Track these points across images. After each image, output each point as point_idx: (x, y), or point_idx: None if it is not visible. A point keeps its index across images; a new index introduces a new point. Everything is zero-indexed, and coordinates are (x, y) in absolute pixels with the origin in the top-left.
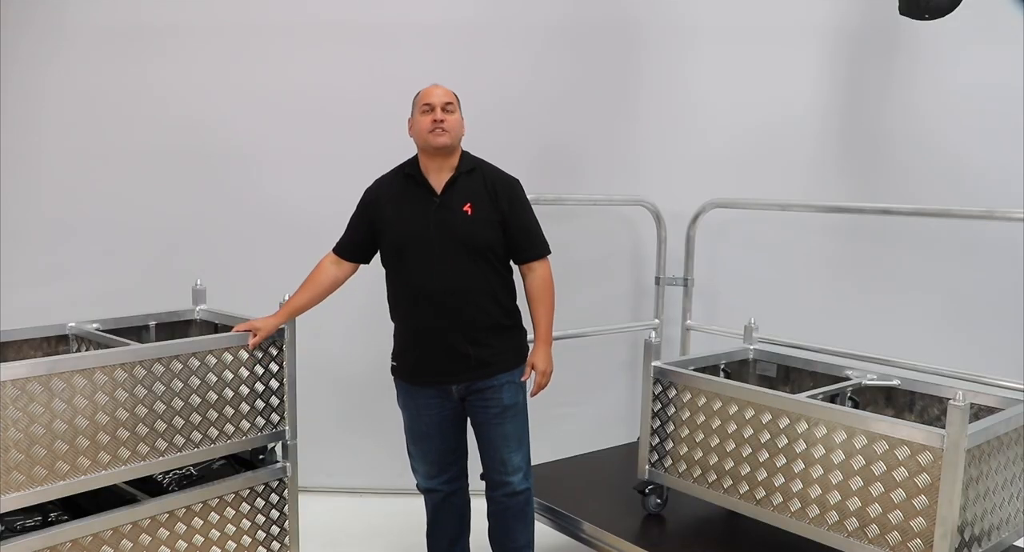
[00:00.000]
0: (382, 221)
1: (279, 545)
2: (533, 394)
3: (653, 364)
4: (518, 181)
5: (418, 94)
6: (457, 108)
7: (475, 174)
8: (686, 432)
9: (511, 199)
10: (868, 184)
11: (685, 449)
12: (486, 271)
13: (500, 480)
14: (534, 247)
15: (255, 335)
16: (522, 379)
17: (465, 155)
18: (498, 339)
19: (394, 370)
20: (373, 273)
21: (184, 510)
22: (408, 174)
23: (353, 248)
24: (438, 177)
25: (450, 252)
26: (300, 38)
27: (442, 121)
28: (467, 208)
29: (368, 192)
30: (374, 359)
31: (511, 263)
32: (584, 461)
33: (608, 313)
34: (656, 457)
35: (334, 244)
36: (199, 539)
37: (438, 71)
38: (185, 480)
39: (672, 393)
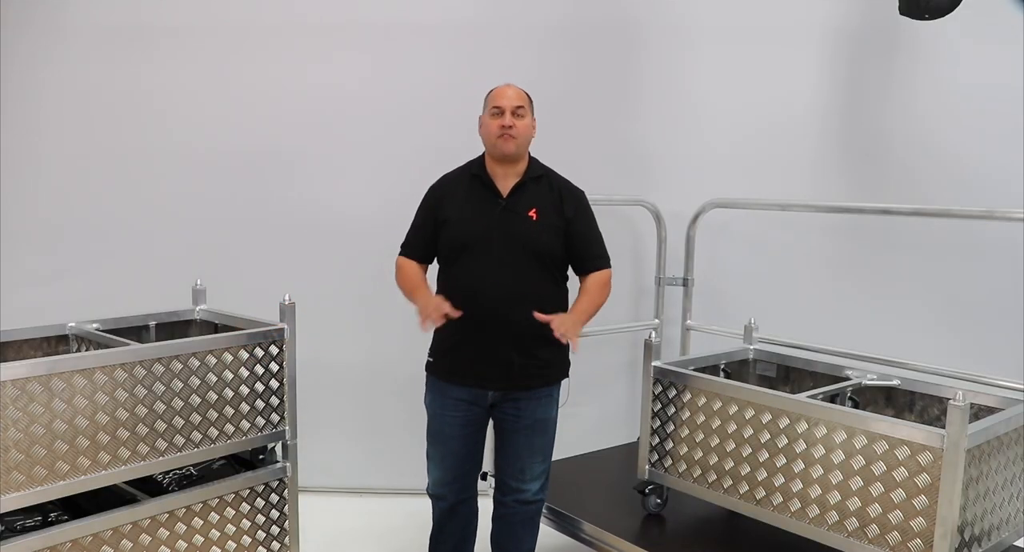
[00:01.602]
0: (445, 219)
1: (279, 545)
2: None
3: (653, 364)
4: (584, 192)
5: (490, 93)
6: (528, 111)
7: (542, 181)
8: (686, 432)
9: (577, 208)
10: (868, 184)
11: (685, 449)
12: (543, 278)
13: (515, 486)
14: (597, 257)
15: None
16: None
17: (533, 161)
18: (544, 350)
19: (429, 367)
20: (375, 273)
21: (184, 510)
22: (475, 174)
23: (427, 250)
24: (505, 181)
25: (510, 255)
26: (300, 39)
27: (511, 127)
28: (532, 213)
29: (432, 193)
30: (374, 359)
31: (568, 275)
32: (584, 461)
33: (608, 313)
34: (656, 457)
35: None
36: (199, 539)
37: (438, 71)
38: (185, 480)
39: (672, 393)
